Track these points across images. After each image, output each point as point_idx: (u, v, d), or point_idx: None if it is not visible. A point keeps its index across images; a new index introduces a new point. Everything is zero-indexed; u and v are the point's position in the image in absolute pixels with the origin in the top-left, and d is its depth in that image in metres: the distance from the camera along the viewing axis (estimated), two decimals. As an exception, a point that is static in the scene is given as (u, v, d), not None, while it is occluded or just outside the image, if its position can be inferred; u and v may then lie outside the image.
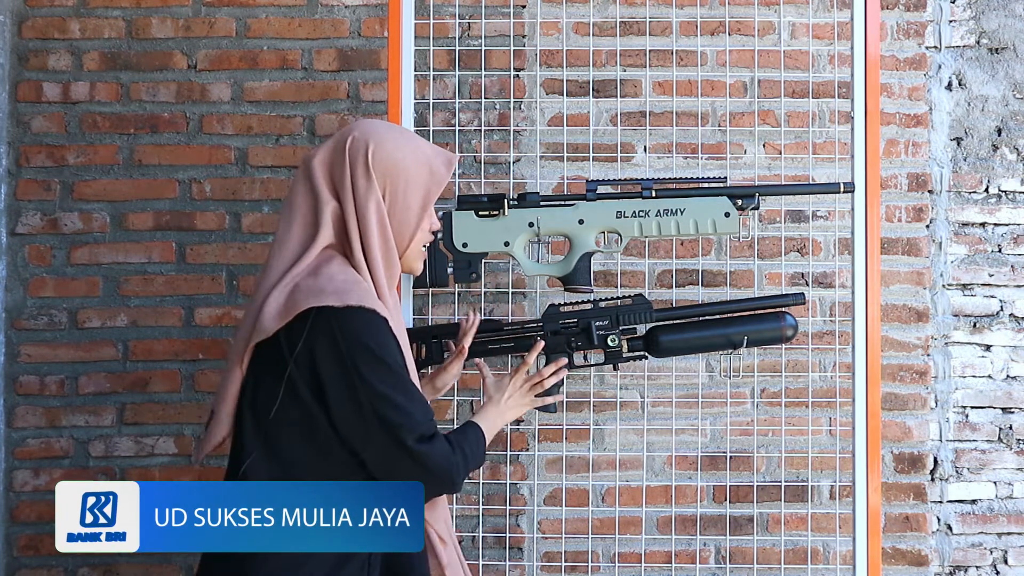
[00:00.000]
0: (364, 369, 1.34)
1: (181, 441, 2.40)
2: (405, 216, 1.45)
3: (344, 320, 1.34)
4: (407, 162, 1.44)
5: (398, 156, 1.44)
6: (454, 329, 1.79)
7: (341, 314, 1.34)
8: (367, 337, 1.35)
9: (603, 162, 2.40)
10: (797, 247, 2.43)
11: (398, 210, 1.44)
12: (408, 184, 1.44)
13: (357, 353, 1.34)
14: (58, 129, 2.44)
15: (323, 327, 1.34)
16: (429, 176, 1.46)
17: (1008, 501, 2.45)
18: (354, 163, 1.42)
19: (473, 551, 2.35)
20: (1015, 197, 2.49)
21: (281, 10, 2.47)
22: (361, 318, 1.35)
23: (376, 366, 1.35)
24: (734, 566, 2.36)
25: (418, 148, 1.47)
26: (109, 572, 2.39)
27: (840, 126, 2.41)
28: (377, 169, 1.42)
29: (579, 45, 2.42)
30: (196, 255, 2.43)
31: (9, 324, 2.41)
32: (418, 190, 1.45)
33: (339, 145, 1.44)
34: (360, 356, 1.34)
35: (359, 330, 1.34)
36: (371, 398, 1.34)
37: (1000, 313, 2.48)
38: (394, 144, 1.44)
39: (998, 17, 2.50)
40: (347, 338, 1.34)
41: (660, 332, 1.80)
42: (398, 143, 1.45)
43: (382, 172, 1.42)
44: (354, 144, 1.43)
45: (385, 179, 1.43)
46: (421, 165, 1.46)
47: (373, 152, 1.42)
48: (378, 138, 1.44)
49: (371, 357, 1.34)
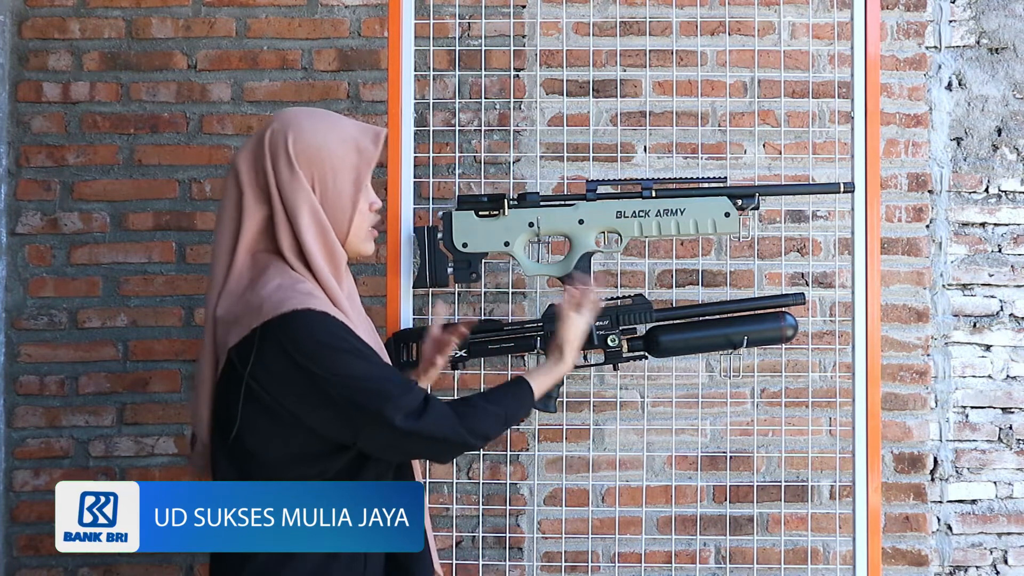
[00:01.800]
0: (323, 364, 1.30)
1: (181, 441, 2.40)
2: (338, 202, 1.39)
3: (286, 328, 1.31)
4: (331, 146, 1.38)
5: (320, 142, 1.38)
6: (453, 329, 1.79)
7: (282, 323, 1.30)
8: (315, 335, 1.31)
9: (603, 162, 2.40)
10: (797, 247, 2.43)
11: (330, 197, 1.38)
12: (336, 169, 1.38)
13: (310, 354, 1.31)
14: (58, 129, 2.44)
15: (270, 341, 1.31)
16: (357, 156, 1.40)
17: (1008, 501, 2.45)
18: (275, 157, 1.37)
19: (473, 551, 2.35)
20: (1015, 197, 2.49)
21: (281, 10, 2.47)
22: (301, 320, 1.31)
23: (333, 357, 1.31)
24: (734, 566, 2.36)
25: (341, 129, 1.41)
26: (109, 572, 2.39)
27: (840, 126, 2.41)
28: (300, 159, 1.37)
29: (579, 45, 2.42)
30: (196, 255, 2.43)
31: (9, 324, 2.41)
32: (347, 173, 1.39)
33: (259, 140, 1.39)
34: (314, 355, 1.31)
35: (304, 332, 1.31)
36: (341, 388, 1.31)
37: (1000, 313, 2.48)
38: (313, 130, 1.38)
39: (998, 17, 2.50)
40: (296, 344, 1.30)
41: (660, 332, 1.80)
42: (318, 128, 1.39)
43: (306, 161, 1.37)
44: (273, 137, 1.38)
45: (311, 168, 1.37)
46: (347, 146, 1.39)
47: (293, 142, 1.37)
48: (297, 127, 1.38)
49: (325, 351, 1.31)
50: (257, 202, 1.38)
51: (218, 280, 1.39)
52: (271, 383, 1.33)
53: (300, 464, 1.37)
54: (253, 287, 1.35)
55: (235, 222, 1.39)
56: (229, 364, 1.35)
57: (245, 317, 1.33)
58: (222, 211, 1.41)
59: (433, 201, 2.30)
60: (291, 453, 1.36)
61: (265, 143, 1.38)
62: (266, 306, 1.32)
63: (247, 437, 1.36)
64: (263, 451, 1.36)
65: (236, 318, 1.34)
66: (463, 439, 1.39)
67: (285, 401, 1.33)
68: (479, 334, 1.80)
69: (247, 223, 1.38)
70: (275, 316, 1.31)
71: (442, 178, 2.39)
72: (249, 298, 1.34)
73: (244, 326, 1.32)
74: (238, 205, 1.39)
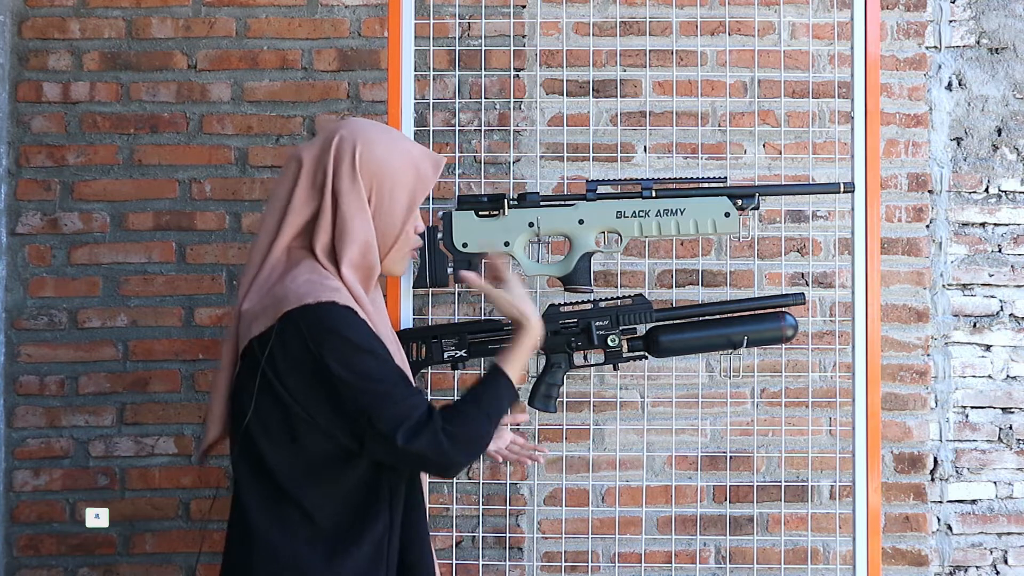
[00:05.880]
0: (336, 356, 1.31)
1: (181, 441, 2.40)
2: (390, 219, 1.42)
3: (306, 318, 1.32)
4: (394, 164, 1.42)
5: (386, 157, 1.41)
6: (454, 329, 1.79)
7: (303, 312, 1.32)
8: (335, 326, 1.32)
9: (603, 162, 2.40)
10: (797, 247, 2.43)
11: (383, 212, 1.42)
12: (395, 186, 1.42)
13: (325, 343, 1.31)
14: (58, 129, 2.44)
15: (290, 330, 1.32)
16: (416, 178, 1.44)
17: (1008, 501, 2.45)
18: (339, 163, 1.40)
19: (473, 551, 2.36)
20: (1015, 197, 2.49)
21: (281, 10, 2.47)
22: (322, 311, 1.32)
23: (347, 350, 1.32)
24: (734, 566, 2.36)
25: (406, 150, 1.45)
26: (109, 572, 2.39)
27: (840, 126, 2.41)
28: (364, 170, 1.40)
29: (579, 45, 2.42)
30: (196, 255, 2.43)
31: (9, 324, 2.41)
32: (404, 192, 1.43)
33: (326, 143, 1.41)
34: (329, 346, 1.31)
35: (324, 322, 1.32)
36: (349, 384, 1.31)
37: (1000, 313, 2.48)
38: (382, 145, 1.42)
39: (998, 17, 2.50)
40: (312, 333, 1.31)
41: (660, 332, 1.80)
42: (386, 144, 1.43)
43: (369, 173, 1.40)
44: (341, 143, 1.41)
45: (372, 180, 1.40)
46: (408, 167, 1.43)
47: (361, 153, 1.40)
48: (366, 139, 1.41)
49: (340, 344, 1.31)
50: (309, 199, 1.41)
51: (251, 271, 1.41)
52: (285, 372, 1.33)
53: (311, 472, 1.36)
54: (282, 280, 1.37)
55: (281, 213, 1.41)
56: (250, 357, 1.36)
57: (271, 308, 1.34)
58: (272, 201, 1.43)
59: (433, 201, 2.30)
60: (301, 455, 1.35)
61: (332, 145, 1.40)
62: (291, 297, 1.33)
63: (258, 434, 1.36)
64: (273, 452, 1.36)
65: (263, 309, 1.35)
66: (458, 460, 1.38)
67: (296, 393, 1.33)
68: (479, 334, 1.80)
69: (293, 217, 1.40)
70: (298, 306, 1.32)
71: (442, 178, 2.38)
72: (276, 290, 1.36)
73: (268, 316, 1.34)
74: (288, 197, 1.41)
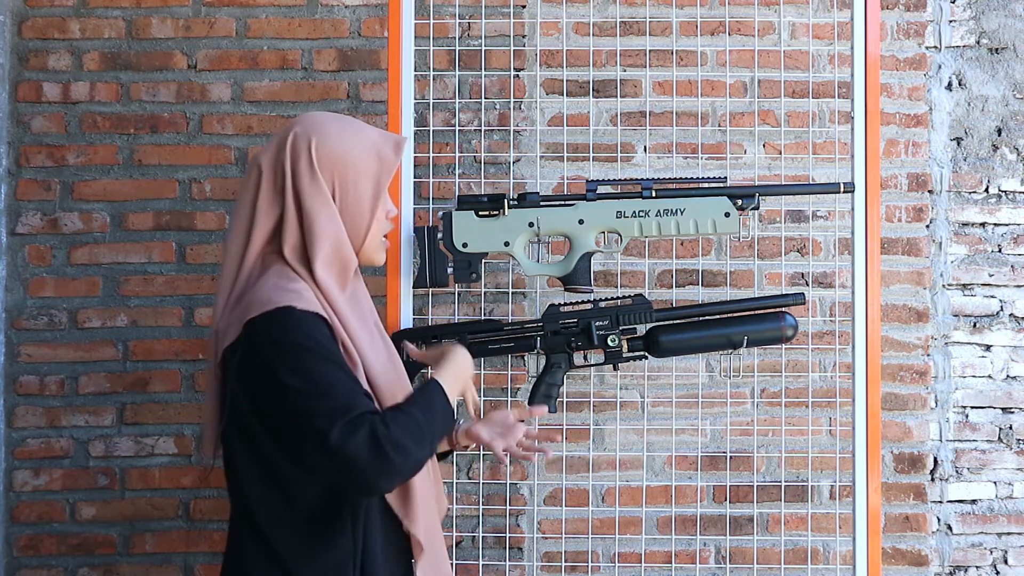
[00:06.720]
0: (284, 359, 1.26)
1: (181, 441, 2.40)
2: (357, 209, 1.38)
3: (262, 325, 1.28)
4: (354, 153, 1.37)
5: (344, 148, 1.37)
6: (454, 329, 1.79)
7: (260, 321, 1.28)
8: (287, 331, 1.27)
9: (603, 162, 2.40)
10: (797, 247, 2.43)
11: (349, 203, 1.37)
12: (358, 175, 1.37)
13: (276, 349, 1.27)
14: (58, 129, 2.44)
15: (248, 338, 1.29)
16: (378, 163, 1.39)
17: (1008, 501, 2.45)
18: (296, 161, 1.35)
19: (473, 551, 2.35)
20: (1015, 197, 2.49)
21: (281, 10, 2.47)
22: (280, 317, 1.28)
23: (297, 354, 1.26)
24: (734, 566, 2.36)
25: (364, 136, 1.40)
26: (109, 572, 2.39)
27: (840, 126, 2.41)
28: (323, 165, 1.35)
29: (579, 45, 2.42)
30: (196, 255, 2.43)
31: (9, 324, 2.41)
32: (368, 180, 1.38)
33: (281, 143, 1.37)
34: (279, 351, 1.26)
35: (277, 329, 1.28)
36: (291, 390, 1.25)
37: (1000, 313, 2.48)
38: (338, 136, 1.37)
39: (998, 17, 2.50)
40: (267, 339, 1.28)
41: (660, 332, 1.81)
42: (342, 134, 1.38)
43: (329, 167, 1.35)
44: (296, 141, 1.36)
45: (333, 173, 1.36)
46: (368, 153, 1.38)
47: (317, 147, 1.35)
48: (321, 132, 1.37)
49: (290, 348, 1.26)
50: (272, 203, 1.37)
51: (224, 289, 1.37)
52: (241, 382, 1.30)
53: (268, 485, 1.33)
54: (252, 289, 1.34)
55: (247, 222, 1.37)
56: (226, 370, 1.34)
57: (237, 319, 1.31)
58: (236, 211, 1.40)
59: (433, 201, 2.31)
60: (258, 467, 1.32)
61: (287, 145, 1.37)
62: (255, 304, 1.30)
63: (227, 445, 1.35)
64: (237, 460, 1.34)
65: (235, 320, 1.32)
66: (391, 469, 1.24)
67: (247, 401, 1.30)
68: (479, 334, 1.80)
69: (260, 224, 1.37)
70: (260, 313, 1.29)
71: (442, 178, 2.39)
72: (245, 299, 1.33)
73: (236, 327, 1.31)
74: (252, 205, 1.37)
